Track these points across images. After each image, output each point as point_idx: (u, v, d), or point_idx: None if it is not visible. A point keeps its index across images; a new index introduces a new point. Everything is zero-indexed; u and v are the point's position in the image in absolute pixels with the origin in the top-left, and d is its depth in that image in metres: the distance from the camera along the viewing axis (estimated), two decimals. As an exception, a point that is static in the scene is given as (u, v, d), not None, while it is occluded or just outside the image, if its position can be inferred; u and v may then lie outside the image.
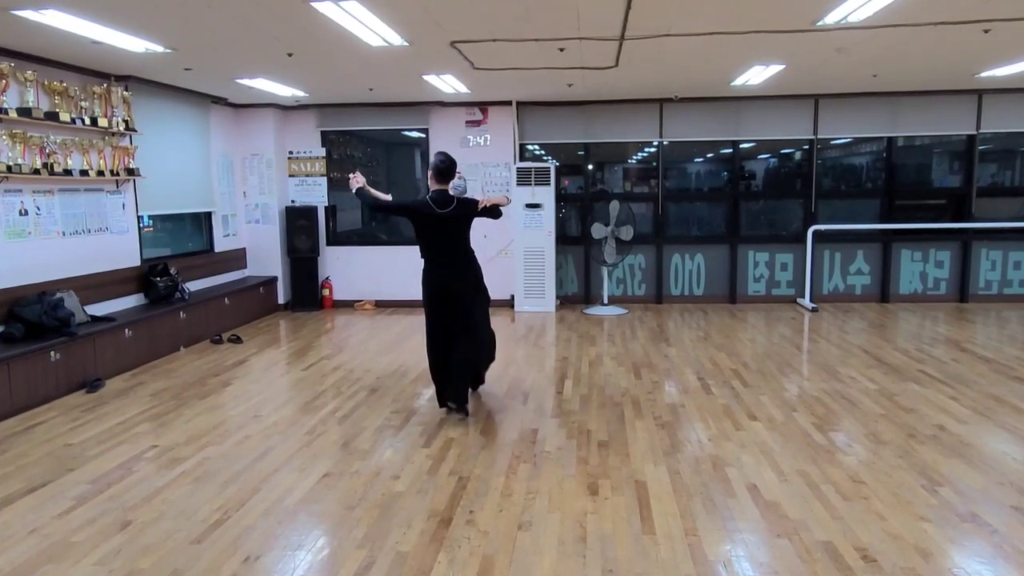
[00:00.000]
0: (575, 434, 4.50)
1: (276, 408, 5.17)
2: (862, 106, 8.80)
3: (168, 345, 6.85)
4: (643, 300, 9.39)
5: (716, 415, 4.83)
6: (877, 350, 6.65)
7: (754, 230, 9.39)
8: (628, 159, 9.85)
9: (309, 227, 9.11)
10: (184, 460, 4.19)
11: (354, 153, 10.44)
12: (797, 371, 5.97)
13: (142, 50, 5.47)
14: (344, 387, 5.70)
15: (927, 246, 9.07)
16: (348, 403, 5.26)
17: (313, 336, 7.77)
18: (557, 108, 9.07)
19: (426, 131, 9.18)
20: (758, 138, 9.20)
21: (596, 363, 6.34)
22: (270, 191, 9.06)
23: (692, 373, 5.94)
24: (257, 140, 8.97)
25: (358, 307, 9.37)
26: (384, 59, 6.04)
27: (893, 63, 6.62)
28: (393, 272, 9.38)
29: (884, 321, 8.09)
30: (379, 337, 7.65)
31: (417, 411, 5.04)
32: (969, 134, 8.80)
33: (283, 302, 9.24)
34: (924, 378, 5.67)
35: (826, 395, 5.26)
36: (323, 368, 6.35)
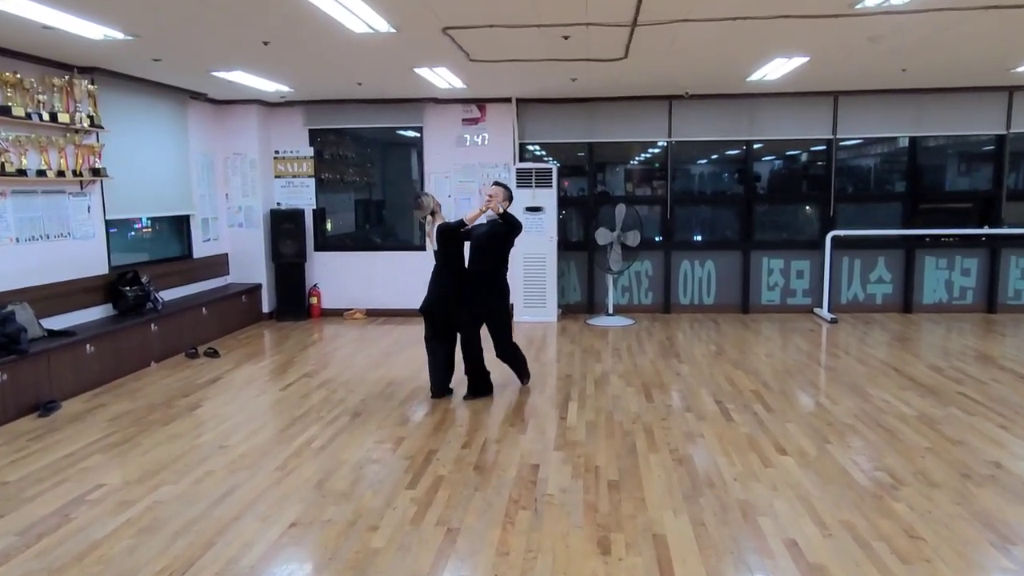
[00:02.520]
0: (581, 471, 3.96)
1: (246, 436, 4.63)
2: (885, 104, 8.26)
3: (137, 360, 6.30)
4: (650, 309, 8.84)
5: (739, 447, 4.29)
6: (907, 367, 6.10)
7: (768, 235, 8.85)
8: (634, 160, 9.31)
9: (295, 231, 8.57)
10: (132, 504, 3.64)
11: (347, 153, 9.92)
12: (823, 392, 5.43)
13: (100, 37, 4.93)
14: (325, 410, 5.16)
15: (953, 253, 8.52)
16: (328, 430, 4.71)
17: (297, 349, 7.23)
18: (559, 105, 8.53)
19: (420, 129, 8.64)
20: (773, 138, 8.66)
21: (602, 382, 5.79)
22: (254, 193, 8.51)
23: (708, 395, 5.40)
24: (240, 139, 8.42)
25: (347, 316, 8.82)
26: (370, 49, 5.50)
27: (926, 55, 6.08)
28: (385, 279, 8.84)
29: (909, 333, 7.55)
30: (368, 350, 7.10)
31: (404, 440, 4.50)
32: (998, 134, 8.26)
33: (268, 311, 8.69)
34: (966, 402, 5.13)
35: (859, 422, 4.71)
36: (304, 387, 5.81)
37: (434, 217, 5.30)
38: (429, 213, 5.30)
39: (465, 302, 5.29)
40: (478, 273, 5.30)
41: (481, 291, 5.29)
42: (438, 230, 5.22)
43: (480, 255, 5.29)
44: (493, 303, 5.33)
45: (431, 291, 5.34)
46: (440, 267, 5.29)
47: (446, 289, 5.26)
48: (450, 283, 5.26)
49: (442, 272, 5.29)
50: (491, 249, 5.26)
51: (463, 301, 5.28)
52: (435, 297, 5.31)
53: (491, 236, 5.25)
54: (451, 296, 5.26)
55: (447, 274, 5.27)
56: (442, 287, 5.27)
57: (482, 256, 5.28)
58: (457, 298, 5.27)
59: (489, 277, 5.30)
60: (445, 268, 5.27)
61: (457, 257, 5.31)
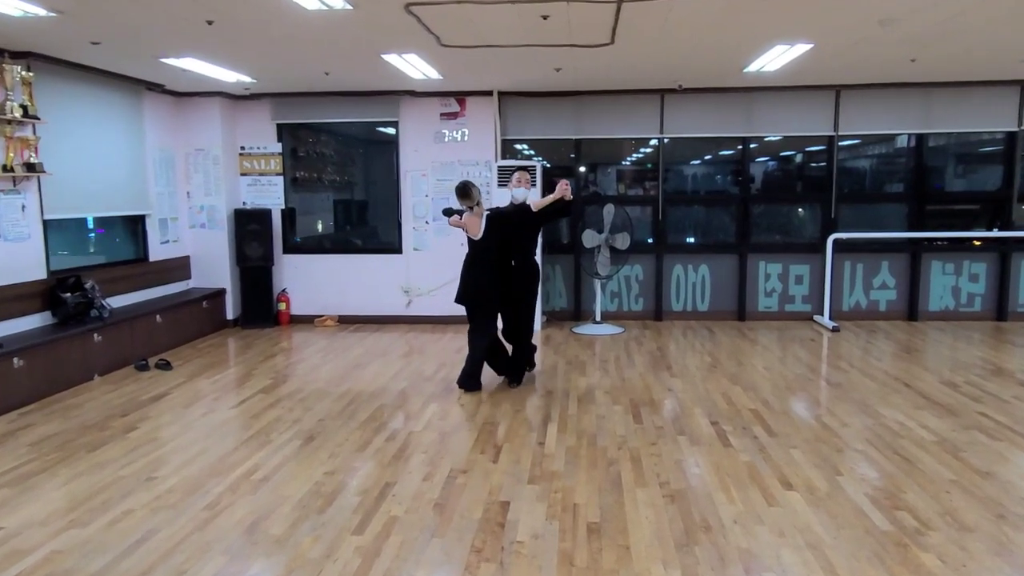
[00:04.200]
0: (558, 511, 3.43)
1: (180, 465, 4.07)
2: (889, 99, 7.77)
3: (78, 374, 5.74)
4: (640, 316, 8.33)
5: (739, 480, 3.77)
6: (919, 382, 5.60)
7: (765, 238, 8.35)
8: (625, 158, 8.80)
9: (262, 232, 8.01)
10: (28, 553, 3.09)
11: (325, 151, 9.39)
12: (830, 412, 4.91)
13: (19, 13, 4.38)
14: (276, 432, 4.61)
15: (960, 257, 8.04)
16: (274, 457, 4.17)
17: (258, 359, 6.67)
18: (544, 99, 8.01)
19: (396, 124, 8.10)
20: (771, 134, 8.17)
21: (586, 399, 5.27)
22: (217, 191, 7.95)
23: (703, 414, 4.88)
24: (202, 133, 7.86)
25: (318, 323, 8.27)
26: (329, 30, 4.96)
27: (939, 43, 5.59)
28: (359, 284, 8.30)
29: (916, 343, 7.05)
30: (334, 362, 6.56)
31: (359, 470, 3.96)
32: (1009, 131, 7.78)
33: (232, 317, 8.13)
34: (988, 423, 4.63)
35: (872, 447, 4.20)
36: (257, 404, 5.26)
37: (477, 208, 5.33)
38: (475, 203, 5.32)
39: (504, 285, 5.49)
40: (518, 255, 5.51)
41: (519, 273, 5.52)
42: (502, 216, 5.41)
43: (516, 238, 5.48)
44: (531, 284, 5.65)
45: (471, 281, 5.42)
46: (482, 256, 5.40)
47: (488, 276, 5.40)
48: (493, 269, 5.42)
49: (484, 261, 5.40)
50: (525, 232, 5.54)
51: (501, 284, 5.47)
52: (481, 285, 5.40)
53: (522, 218, 5.47)
54: (496, 281, 5.43)
55: (489, 261, 5.40)
56: (485, 275, 5.39)
57: (517, 239, 5.49)
58: (499, 282, 5.45)
59: (527, 257, 5.58)
60: (487, 255, 5.39)
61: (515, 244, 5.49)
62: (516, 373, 5.71)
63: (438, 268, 8.16)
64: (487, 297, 5.45)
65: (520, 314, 5.62)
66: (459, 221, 5.41)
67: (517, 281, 5.53)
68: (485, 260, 5.41)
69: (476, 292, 5.42)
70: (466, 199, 5.31)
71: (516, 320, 5.62)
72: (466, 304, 5.51)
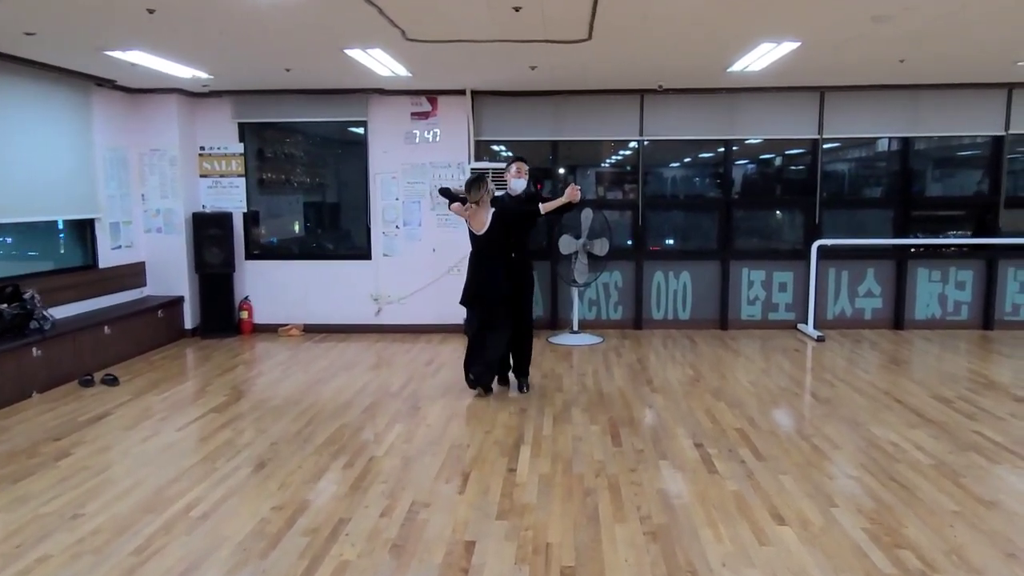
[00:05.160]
0: (528, 552, 3.09)
1: (112, 500, 3.68)
2: (875, 102, 7.54)
3: (12, 392, 5.31)
4: (620, 325, 8.02)
5: (727, 514, 3.45)
6: (910, 397, 5.35)
7: (748, 244, 8.08)
8: (604, 161, 8.50)
9: (222, 237, 7.59)
10: (-82, 612, 2.69)
11: (295, 152, 8.98)
12: (819, 431, 4.63)
13: (-66, -3, 3.96)
14: (224, 458, 4.23)
15: (947, 264, 7.83)
16: (218, 489, 3.79)
17: (215, 373, 6.27)
18: (520, 99, 7.68)
19: (364, 124, 7.72)
20: (754, 137, 7.91)
21: (562, 418, 4.94)
22: (175, 194, 7.52)
23: (687, 435, 4.57)
24: (158, 133, 7.43)
25: (282, 332, 7.86)
26: (284, 22, 4.59)
27: (931, 42, 5.35)
28: (326, 291, 7.91)
29: (903, 354, 6.82)
30: (296, 375, 6.17)
31: (310, 504, 3.59)
32: (996, 135, 7.59)
33: (191, 327, 7.70)
34: (986, 444, 4.36)
35: (868, 473, 3.92)
36: (207, 425, 4.86)
37: (480, 204, 5.19)
38: (479, 199, 5.17)
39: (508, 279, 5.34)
40: (517, 249, 5.41)
41: (517, 266, 5.40)
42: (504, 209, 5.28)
43: (516, 231, 5.36)
44: (529, 279, 5.59)
45: (482, 277, 5.26)
46: (489, 250, 5.25)
47: (499, 271, 5.25)
48: (502, 264, 5.28)
49: (492, 256, 5.25)
50: (524, 224, 5.44)
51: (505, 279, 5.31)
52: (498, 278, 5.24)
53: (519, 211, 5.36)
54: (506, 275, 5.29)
55: (498, 256, 5.26)
56: (496, 269, 5.25)
57: (516, 233, 5.37)
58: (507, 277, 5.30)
59: (525, 251, 5.51)
60: (494, 250, 5.24)
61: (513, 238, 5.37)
62: (524, 376, 5.61)
63: (409, 275, 7.80)
64: (502, 291, 5.26)
65: (523, 311, 5.49)
66: (461, 210, 5.24)
67: (516, 276, 5.39)
68: (493, 255, 5.26)
69: (491, 287, 5.24)
70: (472, 193, 5.16)
71: (519, 317, 5.45)
72: (477, 302, 5.31)
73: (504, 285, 5.27)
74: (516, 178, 5.46)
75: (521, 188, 5.48)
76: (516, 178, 5.46)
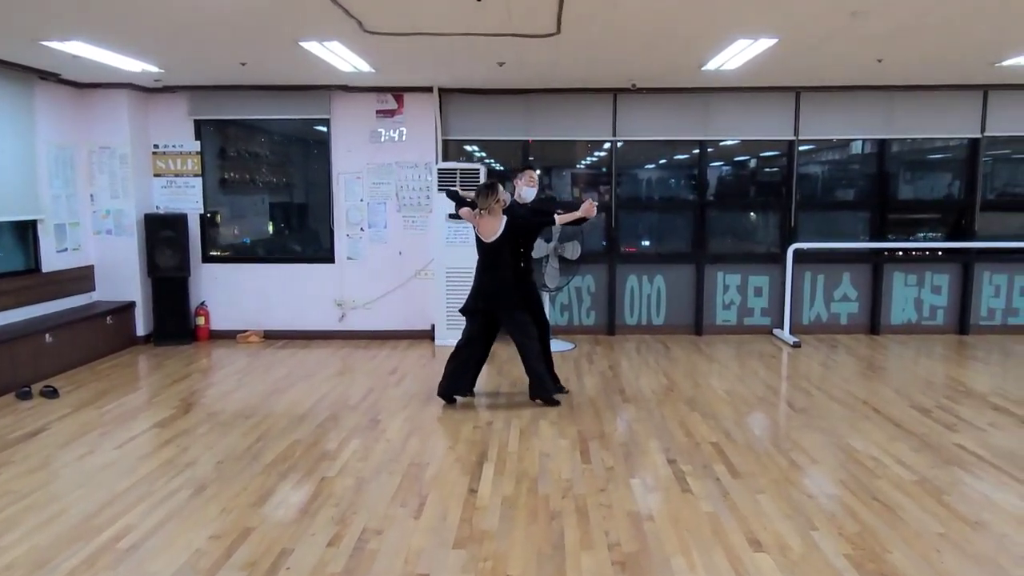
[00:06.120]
0: (486, 587, 2.83)
1: (34, 528, 3.35)
2: (851, 103, 7.41)
3: (-61, 406, 4.93)
4: (592, 331, 7.79)
5: (701, 537, 3.23)
6: (889, 407, 5.18)
7: (724, 247, 7.90)
8: (579, 162, 8.28)
9: (176, 239, 7.23)
10: None
11: (258, 150, 8.66)
12: (796, 444, 4.43)
13: None
14: (162, 480, 3.91)
15: (923, 268, 7.72)
16: (153, 515, 3.48)
17: (163, 384, 5.93)
18: (489, 97, 7.42)
19: (327, 122, 7.41)
20: (729, 138, 7.74)
21: (529, 432, 4.69)
22: (126, 194, 7.14)
23: (659, 450, 4.34)
24: (108, 130, 7.05)
25: (240, 339, 7.52)
26: (231, 11, 4.29)
27: (909, 40, 5.19)
28: (288, 295, 7.58)
29: (880, 360, 6.68)
30: (252, 385, 5.86)
31: (252, 532, 3.30)
32: (972, 137, 7.49)
33: (144, 334, 7.32)
34: (967, 458, 4.20)
35: (848, 491, 3.72)
36: (150, 442, 4.54)
37: (496, 207, 5.00)
38: (488, 207, 4.98)
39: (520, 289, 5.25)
40: (525, 258, 5.34)
41: (524, 275, 5.32)
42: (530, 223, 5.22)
43: (524, 240, 5.30)
44: (534, 286, 5.52)
45: (491, 287, 5.08)
46: (498, 259, 5.06)
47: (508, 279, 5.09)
48: (511, 273, 5.12)
49: (501, 264, 5.07)
50: (534, 233, 5.46)
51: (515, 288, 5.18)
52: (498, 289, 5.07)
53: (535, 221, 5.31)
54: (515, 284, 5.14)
55: (507, 264, 5.08)
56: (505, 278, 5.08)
57: (526, 240, 5.32)
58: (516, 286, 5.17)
59: (529, 261, 5.42)
60: (504, 258, 5.06)
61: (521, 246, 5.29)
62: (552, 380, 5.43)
63: (374, 279, 7.51)
64: (512, 300, 5.10)
65: (537, 315, 5.36)
66: (471, 216, 5.08)
67: (524, 284, 5.32)
68: (503, 263, 5.07)
69: (499, 296, 5.07)
70: (481, 201, 4.98)
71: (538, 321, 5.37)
72: (481, 314, 5.13)
73: (514, 294, 5.12)
74: (528, 186, 5.37)
75: (531, 196, 5.40)
76: (528, 186, 5.37)
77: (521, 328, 5.15)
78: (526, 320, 5.17)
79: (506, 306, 5.10)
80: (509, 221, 5.03)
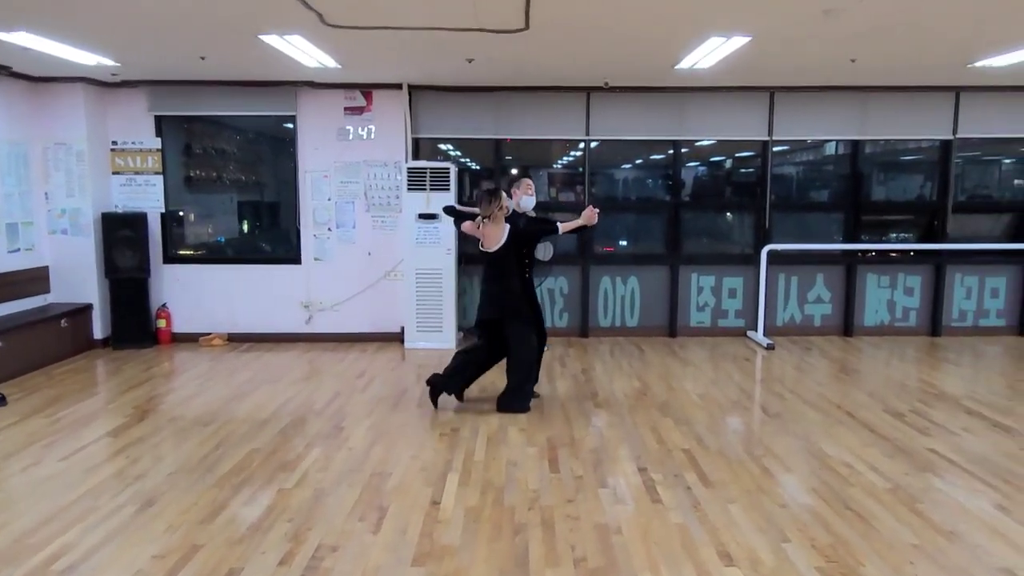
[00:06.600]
0: (444, 608, 2.69)
1: (-37, 549, 3.15)
2: (825, 103, 7.36)
3: None
4: (565, 333, 7.67)
5: (670, 551, 3.11)
6: (863, 411, 5.12)
7: (698, 248, 7.82)
8: (554, 162, 8.16)
9: (136, 239, 6.99)
10: None
11: (225, 147, 8.42)
12: (770, 451, 4.34)
13: None
14: (108, 494, 3.72)
15: (896, 270, 7.71)
16: (95, 533, 3.29)
17: (121, 389, 5.70)
18: (460, 95, 7.26)
19: (294, 119, 7.21)
20: (704, 138, 7.66)
21: (497, 439, 4.55)
22: (82, 192, 6.89)
23: (630, 458, 4.23)
24: (63, 125, 6.79)
25: (203, 342, 7.29)
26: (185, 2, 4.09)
27: (883, 40, 5.13)
28: (254, 297, 7.37)
29: (853, 362, 6.64)
30: (213, 389, 5.66)
31: (199, 549, 3.12)
32: (944, 139, 7.48)
33: (101, 337, 7.07)
34: (941, 464, 4.14)
35: (821, 500, 3.63)
36: (99, 452, 4.33)
37: (499, 213, 4.89)
38: (490, 214, 4.86)
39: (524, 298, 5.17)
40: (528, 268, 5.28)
41: (529, 284, 5.28)
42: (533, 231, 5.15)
43: (528, 247, 5.23)
44: (535, 296, 5.41)
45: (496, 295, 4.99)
46: (502, 268, 4.96)
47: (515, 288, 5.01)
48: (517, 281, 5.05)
49: (505, 274, 4.97)
50: (533, 244, 5.30)
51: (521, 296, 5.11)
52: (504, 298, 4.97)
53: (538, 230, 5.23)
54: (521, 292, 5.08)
55: (511, 273, 4.99)
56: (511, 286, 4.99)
57: (529, 248, 5.25)
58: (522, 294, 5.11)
59: (531, 271, 5.32)
60: (508, 267, 4.97)
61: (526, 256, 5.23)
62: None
63: (342, 280, 7.32)
64: (520, 303, 5.02)
65: (539, 332, 5.31)
66: (474, 229, 4.95)
67: (530, 293, 5.30)
68: (507, 273, 4.97)
69: (507, 299, 4.97)
70: (484, 207, 4.87)
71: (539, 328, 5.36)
72: (494, 317, 5.01)
73: (521, 304, 5.04)
74: (526, 195, 5.34)
75: (531, 205, 5.39)
76: (526, 195, 5.34)
77: (521, 339, 5.02)
78: (529, 333, 5.06)
79: (512, 315, 4.99)
80: (512, 230, 4.94)
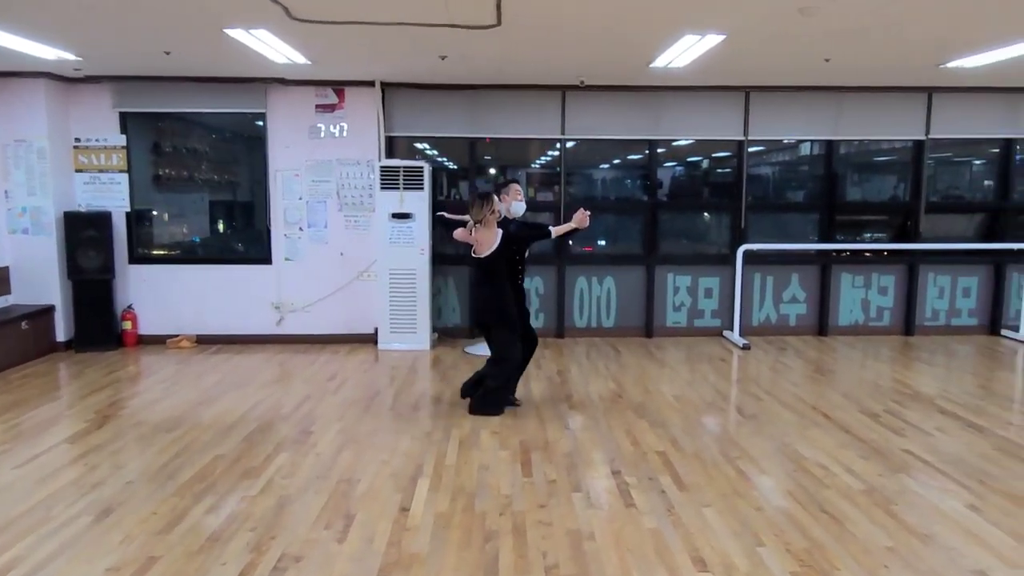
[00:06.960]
0: (410, 621, 2.60)
1: (-96, 564, 3.00)
2: (799, 103, 7.37)
3: None
4: (541, 334, 7.40)
5: (643, 557, 3.05)
6: (838, 412, 5.10)
7: (674, 248, 7.79)
8: (531, 162, 8.08)
9: (100, 239, 6.80)
10: None
11: (196, 146, 8.22)
12: (746, 454, 4.29)
13: None
14: (64, 503, 3.57)
15: (870, 270, 7.74)
16: (47, 544, 3.15)
17: (83, 393, 5.53)
18: (434, 92, 7.16)
19: (263, 117, 7.06)
20: (679, 138, 7.64)
21: (469, 442, 4.46)
22: (44, 190, 6.68)
23: (604, 460, 4.16)
24: (24, 121, 6.59)
25: (171, 344, 7.12)
26: (144, -8, 3.96)
27: (857, 40, 5.12)
28: (223, 298, 7.21)
29: (828, 362, 6.64)
30: (179, 394, 5.50)
31: (156, 562, 3.00)
32: (917, 139, 7.52)
33: (64, 339, 6.87)
34: (916, 464, 4.12)
35: (796, 503, 3.59)
36: (56, 460, 4.18)
37: (491, 217, 4.85)
38: (483, 217, 4.82)
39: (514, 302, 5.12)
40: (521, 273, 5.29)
41: (520, 289, 5.26)
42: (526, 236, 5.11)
43: (520, 255, 5.23)
44: (524, 301, 5.35)
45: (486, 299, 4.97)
46: (494, 274, 4.91)
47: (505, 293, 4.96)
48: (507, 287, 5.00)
49: (498, 280, 4.93)
50: (524, 249, 5.27)
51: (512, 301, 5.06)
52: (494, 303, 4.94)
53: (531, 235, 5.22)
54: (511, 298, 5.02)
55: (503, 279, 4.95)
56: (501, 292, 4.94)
57: (521, 253, 5.23)
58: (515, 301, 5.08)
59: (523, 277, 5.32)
60: (499, 273, 4.93)
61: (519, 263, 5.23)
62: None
63: (314, 281, 7.19)
64: (508, 309, 4.94)
65: (529, 336, 5.28)
66: (466, 235, 4.92)
67: (521, 298, 5.27)
68: (499, 279, 4.93)
69: (496, 303, 4.92)
70: (475, 212, 4.83)
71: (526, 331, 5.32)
72: (481, 321, 5.08)
73: (510, 309, 4.95)
74: (516, 200, 5.35)
75: (522, 210, 5.39)
76: (516, 200, 5.35)
77: (505, 345, 4.94)
78: (514, 340, 4.97)
79: (498, 320, 4.92)
80: (505, 235, 4.88)
